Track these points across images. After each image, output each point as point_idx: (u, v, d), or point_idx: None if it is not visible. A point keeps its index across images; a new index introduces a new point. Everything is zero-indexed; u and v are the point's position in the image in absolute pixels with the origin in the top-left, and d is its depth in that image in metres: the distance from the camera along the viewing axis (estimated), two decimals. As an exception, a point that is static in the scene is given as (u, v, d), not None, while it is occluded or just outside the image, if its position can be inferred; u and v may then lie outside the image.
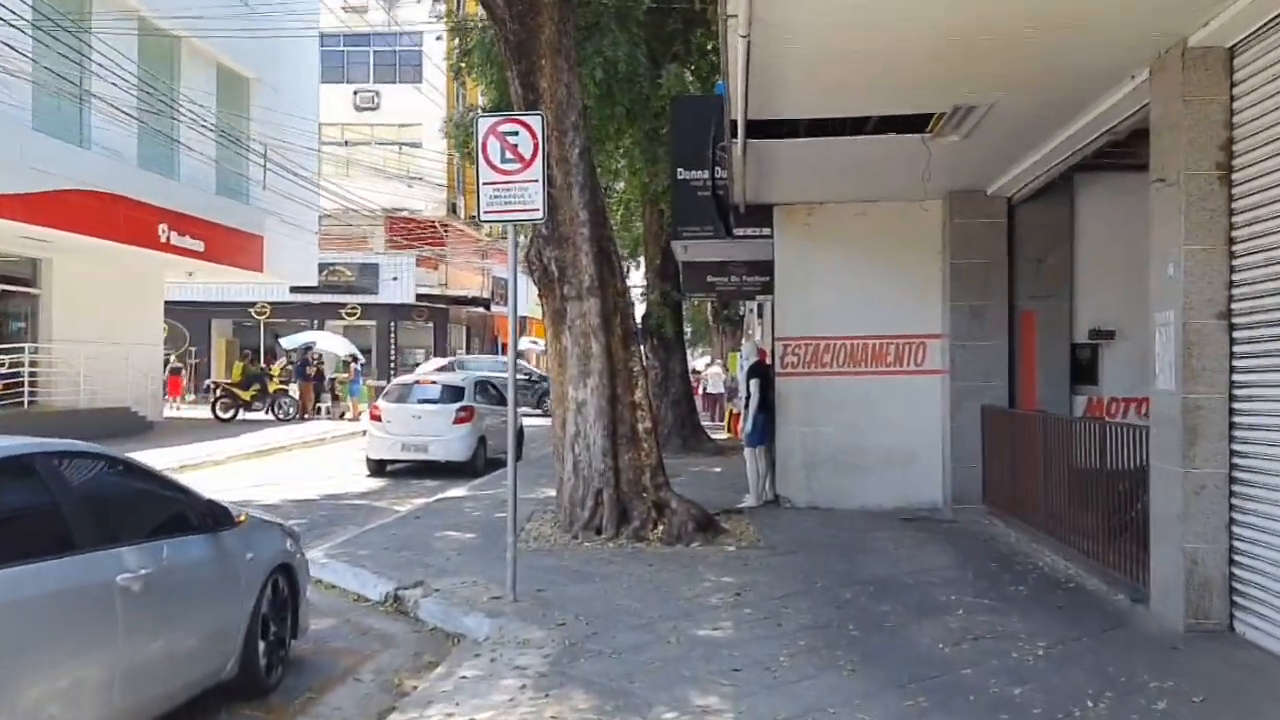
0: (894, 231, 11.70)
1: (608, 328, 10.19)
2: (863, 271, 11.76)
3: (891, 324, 11.67)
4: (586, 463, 10.05)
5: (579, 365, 10.15)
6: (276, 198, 22.15)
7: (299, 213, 23.41)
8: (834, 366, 11.73)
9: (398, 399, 15.62)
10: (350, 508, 12.51)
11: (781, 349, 11.78)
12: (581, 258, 10.13)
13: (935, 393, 11.57)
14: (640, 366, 10.44)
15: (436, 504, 12.20)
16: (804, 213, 11.81)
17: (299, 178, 23.05)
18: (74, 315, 19.50)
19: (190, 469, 15.98)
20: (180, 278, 22.65)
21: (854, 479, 11.63)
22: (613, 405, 10.06)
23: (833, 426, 11.66)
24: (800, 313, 11.79)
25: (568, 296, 10.20)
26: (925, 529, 10.30)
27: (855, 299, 11.74)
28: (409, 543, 9.63)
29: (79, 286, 19.64)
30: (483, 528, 10.39)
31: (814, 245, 11.81)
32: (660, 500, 10.03)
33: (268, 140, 21.41)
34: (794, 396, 11.74)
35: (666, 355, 17.97)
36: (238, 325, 33.75)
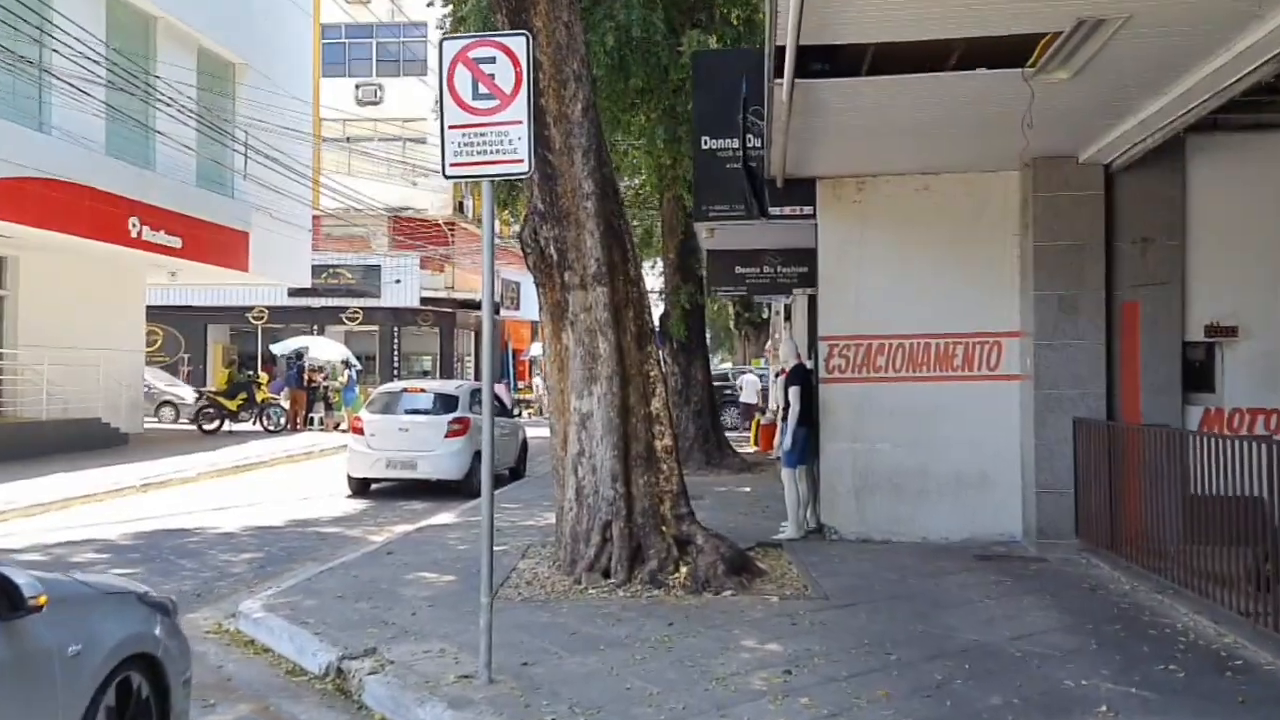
0: (962, 209, 9.77)
1: (618, 323, 8.32)
2: (924, 257, 9.84)
3: (959, 319, 9.74)
4: (592, 488, 8.18)
5: (583, 369, 8.28)
6: (266, 193, 20.42)
7: (291, 209, 21.67)
8: (889, 371, 9.80)
9: (383, 409, 13.78)
10: (317, 537, 10.67)
11: (826, 350, 9.87)
12: (586, 238, 8.27)
13: (1013, 402, 9.62)
14: (658, 370, 8.56)
15: (418, 534, 10.33)
16: (853, 187, 9.90)
17: (291, 171, 21.32)
18: (44, 319, 17.83)
19: (155, 487, 14.23)
20: (162, 279, 20.93)
21: (915, 506, 9.69)
22: (624, 418, 8.19)
23: (888, 443, 9.73)
24: (848, 307, 9.88)
25: (569, 285, 8.35)
26: (1009, 570, 8.35)
27: (915, 290, 9.82)
28: (372, 588, 7.77)
29: (49, 288, 17.98)
30: (467, 567, 8.52)
31: (865, 226, 9.90)
32: (683, 535, 8.14)
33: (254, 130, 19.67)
34: (841, 407, 9.82)
35: (687, 360, 16.04)
36: (235, 331, 32.09)
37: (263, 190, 20.41)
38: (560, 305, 8.44)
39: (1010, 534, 9.57)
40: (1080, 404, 9.13)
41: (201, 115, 18.29)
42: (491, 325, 6.03)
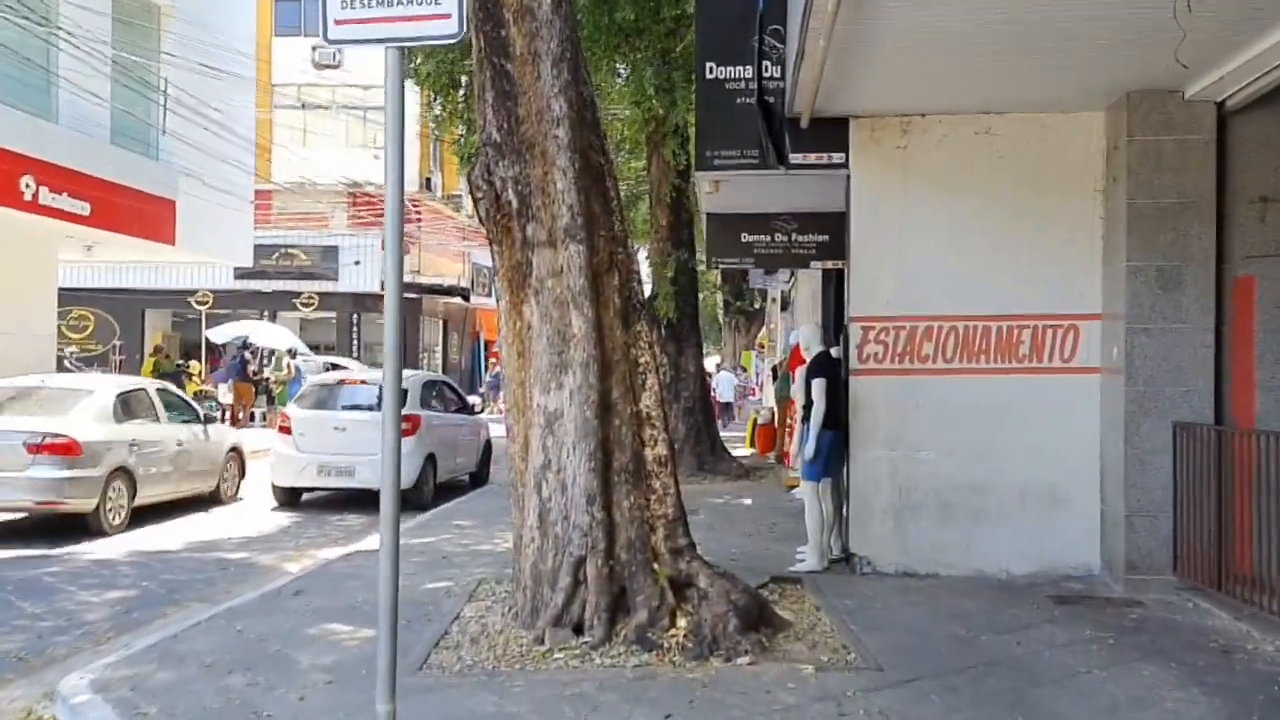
0: (1032, 158, 7.79)
1: (598, 292, 6.28)
2: (983, 218, 7.85)
3: (1026, 297, 7.76)
4: (560, 512, 6.13)
5: (551, 353, 6.23)
6: (199, 156, 18.10)
7: (230, 176, 19.35)
8: (938, 361, 7.80)
9: (315, 405, 11.63)
10: (217, 565, 8.53)
11: (859, 335, 7.85)
12: (556, 177, 6.22)
13: (1091, 401, 7.65)
14: (650, 356, 6.51)
15: (343, 563, 8.22)
16: (897, 129, 7.88)
17: (230, 133, 19.02)
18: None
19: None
20: (77, 254, 18.55)
21: (968, 531, 7.70)
22: (605, 418, 6.15)
23: (936, 450, 7.73)
24: (887, 281, 7.87)
25: (534, 242, 6.29)
26: (1102, 620, 6.38)
27: (971, 259, 7.83)
28: (258, 652, 5.68)
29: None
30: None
31: (910, 179, 7.89)
32: (681, 575, 6.10)
33: (182, 83, 17.36)
34: (877, 405, 7.81)
35: (677, 349, 13.94)
36: (177, 317, 29.64)
37: (194, 153, 18.08)
38: (521, 269, 6.38)
39: (1086, 566, 7.60)
40: (1182, 404, 7.17)
41: (117, 61, 15.96)
42: (397, 278, 4.02)
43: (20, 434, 9.48)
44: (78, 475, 9.48)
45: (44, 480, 9.33)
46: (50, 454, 9.38)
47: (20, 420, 9.76)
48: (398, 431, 4.20)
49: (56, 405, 10.12)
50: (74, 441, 9.50)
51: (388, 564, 4.06)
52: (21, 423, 9.69)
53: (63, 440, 9.46)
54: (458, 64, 12.30)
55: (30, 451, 9.35)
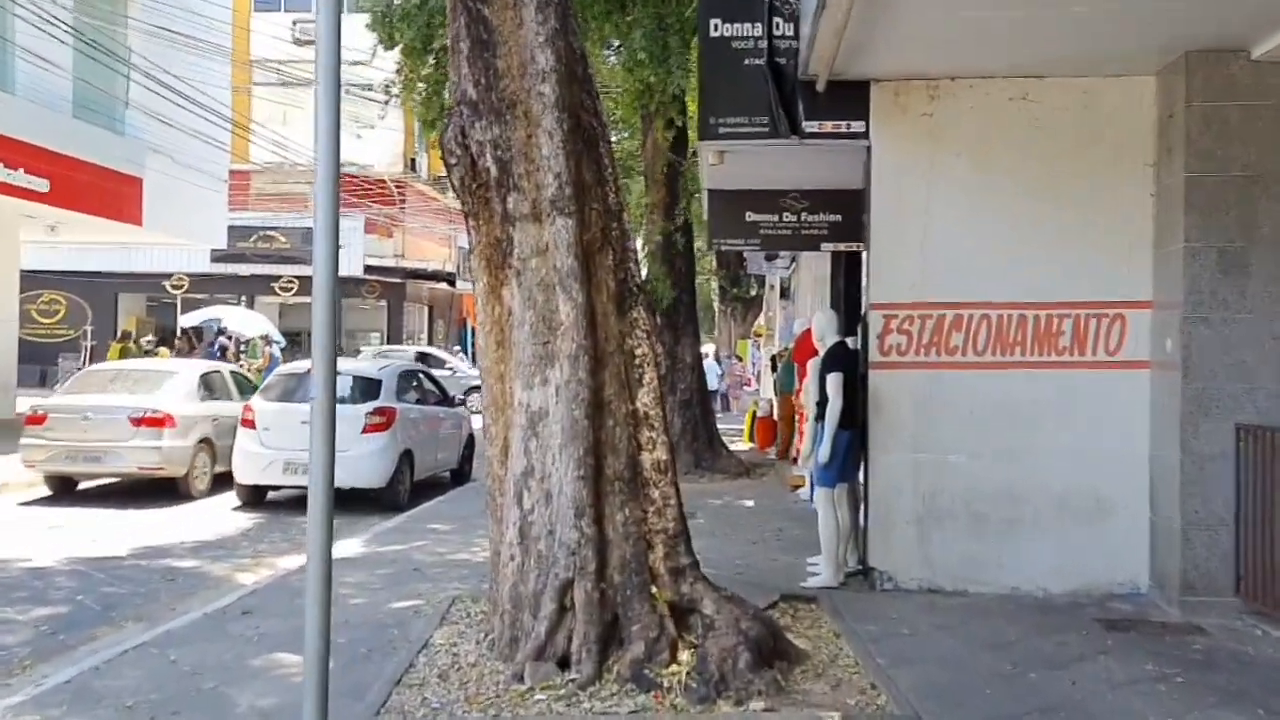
0: (1075, 127, 6.97)
1: (589, 274, 5.45)
2: (1019, 195, 7.03)
3: (1067, 283, 6.96)
4: (544, 527, 5.31)
5: (535, 343, 5.41)
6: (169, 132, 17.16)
7: (204, 154, 18.41)
8: (968, 353, 6.99)
9: (280, 396, 10.74)
10: (164, 575, 7.68)
11: (880, 324, 7.03)
12: (541, 140, 5.38)
13: (1140, 399, 6.86)
14: (648, 347, 5.67)
15: (301, 575, 7.34)
16: (923, 94, 7.05)
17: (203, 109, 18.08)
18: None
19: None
20: (41, 234, 17.59)
21: (1001, 543, 6.90)
22: (597, 418, 5.34)
23: (965, 454, 6.93)
24: (912, 264, 7.04)
25: (515, 215, 5.46)
26: (1162, 650, 5.60)
27: (1006, 240, 7.02)
28: (189, 689, 4.87)
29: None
30: (355, 641, 5.64)
31: (938, 150, 7.06)
32: (684, 600, 5.30)
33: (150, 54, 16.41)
34: (900, 402, 6.99)
35: (674, 338, 13.05)
36: (152, 301, 28.63)
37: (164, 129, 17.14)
38: (500, 246, 5.54)
39: (1133, 584, 6.82)
40: (1246, 404, 6.39)
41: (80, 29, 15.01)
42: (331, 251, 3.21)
43: (124, 409, 10.88)
44: (172, 445, 10.86)
45: (144, 449, 10.69)
46: (149, 426, 10.74)
47: (121, 398, 11.19)
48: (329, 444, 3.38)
49: (151, 384, 11.53)
50: (169, 415, 10.88)
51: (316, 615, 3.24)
52: (123, 399, 11.12)
53: (160, 414, 10.82)
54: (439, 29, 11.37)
55: (132, 424, 10.72)
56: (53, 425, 10.85)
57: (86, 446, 10.73)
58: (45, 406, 11.37)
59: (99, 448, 10.71)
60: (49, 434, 10.85)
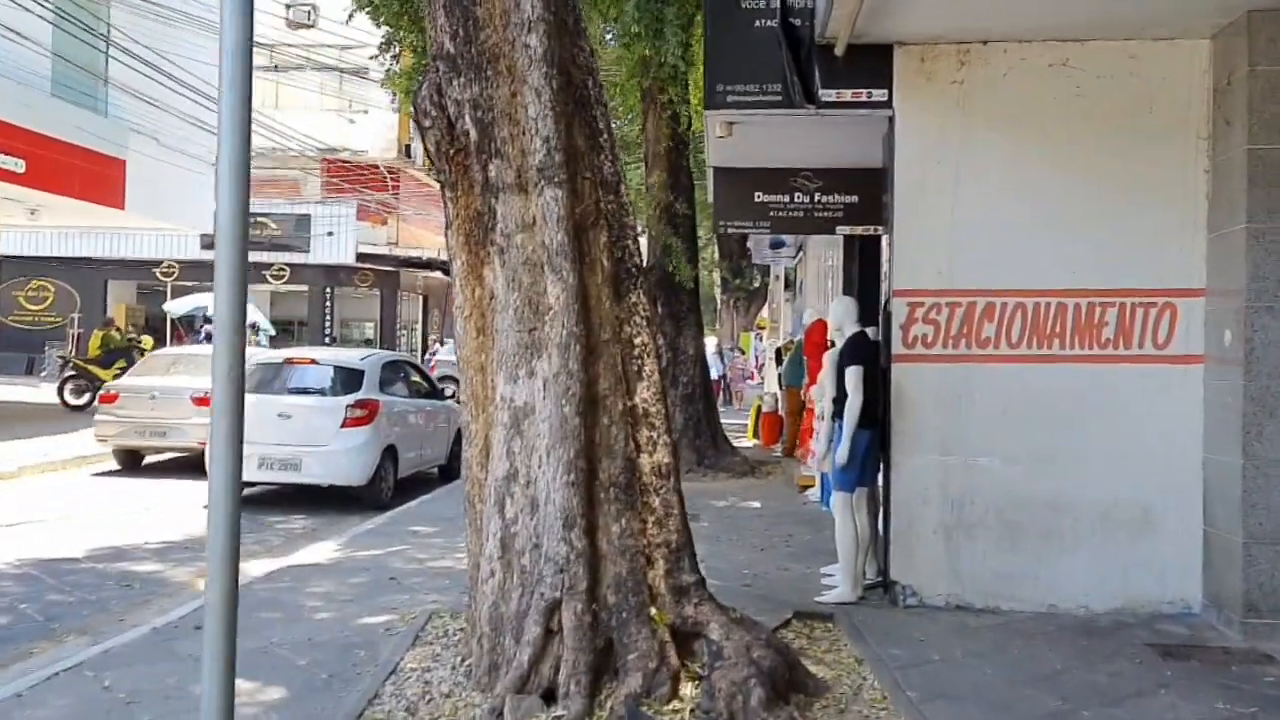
0: (1120, 96, 6.31)
1: (581, 252, 4.81)
2: (1058, 171, 6.37)
3: (1111, 268, 6.30)
4: (529, 539, 4.67)
5: (520, 330, 4.77)
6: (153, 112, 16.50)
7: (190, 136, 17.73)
8: (1002, 345, 6.33)
9: (255, 387, 10.04)
10: (120, 581, 7.03)
11: (905, 313, 6.37)
12: (528, 100, 4.73)
13: (1193, 397, 6.21)
14: (648, 336, 5.03)
15: (266, 582, 6.72)
16: (953, 59, 6.38)
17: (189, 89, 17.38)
18: None
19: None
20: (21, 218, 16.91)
21: (1038, 556, 6.24)
22: (589, 416, 4.70)
23: (998, 457, 6.27)
24: (939, 247, 6.38)
25: (498, 185, 4.81)
26: (1229, 682, 4.96)
27: (1042, 221, 6.36)
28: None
29: None
30: (316, 664, 5.00)
31: (969, 122, 6.39)
32: (688, 623, 4.66)
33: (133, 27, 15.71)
34: (926, 399, 6.34)
35: (676, 328, 12.37)
36: (142, 288, 27.96)
37: (149, 109, 16.48)
38: (482, 220, 4.89)
39: (1184, 603, 6.16)
40: (1314, 404, 5.73)
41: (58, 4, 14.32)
42: (240, 224, 2.57)
43: (186, 389, 11.52)
44: None
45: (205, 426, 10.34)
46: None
47: (184, 379, 11.83)
48: (234, 452, 2.74)
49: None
50: None
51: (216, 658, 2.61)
52: (185, 381, 11.73)
53: None
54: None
55: (195, 403, 11.20)
56: (123, 404, 11.72)
57: (153, 423, 11.58)
58: (116, 387, 12.36)
59: (164, 425, 11.53)
60: (120, 411, 11.71)
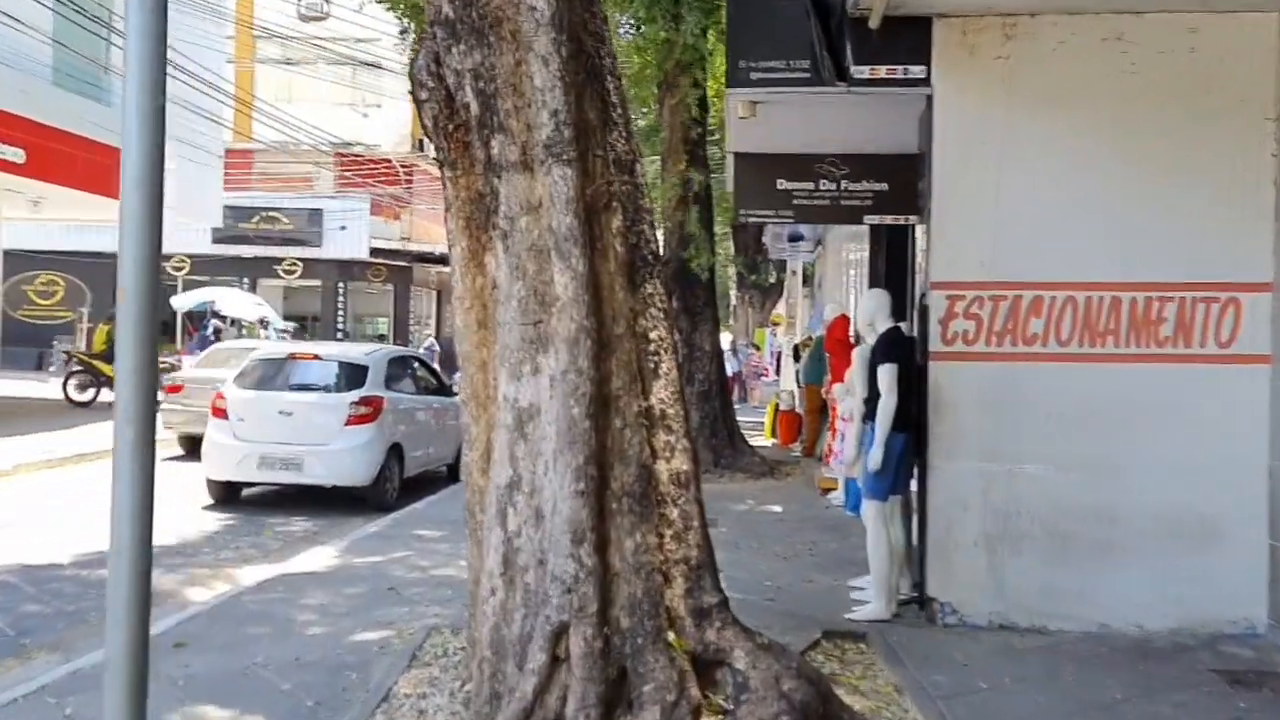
0: (1176, 73, 5.82)
1: (591, 237, 4.35)
2: (1110, 154, 5.88)
3: (1167, 260, 5.82)
4: (534, 554, 4.23)
5: (525, 323, 4.32)
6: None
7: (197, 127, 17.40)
8: (1049, 342, 5.85)
9: (257, 384, 9.68)
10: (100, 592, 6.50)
11: (944, 307, 5.89)
12: (534, 69, 4.28)
13: (1258, 400, 5.72)
14: (665, 330, 4.57)
15: (257, 592, 6.30)
16: (998, 34, 5.90)
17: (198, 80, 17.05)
18: None
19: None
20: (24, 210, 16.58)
21: (1088, 570, 5.76)
22: (600, 417, 4.25)
23: (1045, 463, 5.79)
24: (982, 236, 5.91)
25: (501, 163, 4.36)
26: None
27: (1094, 209, 5.87)
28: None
29: None
30: (302, 690, 4.57)
31: (1014, 101, 5.91)
32: (710, 650, 4.20)
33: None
34: (966, 401, 5.86)
35: (691, 324, 11.89)
36: (153, 283, 27.63)
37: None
38: (483, 202, 4.44)
39: (1248, 622, 5.67)
40: (1395, 407, 5.22)
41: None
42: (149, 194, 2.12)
43: None
44: None
45: None
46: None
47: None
48: (145, 461, 2.30)
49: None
50: None
51: None
52: None
53: None
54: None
55: None
56: (188, 394, 12.28)
57: None
58: (181, 378, 13.10)
59: None
60: (184, 401, 12.25)
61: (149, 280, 2.35)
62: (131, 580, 2.29)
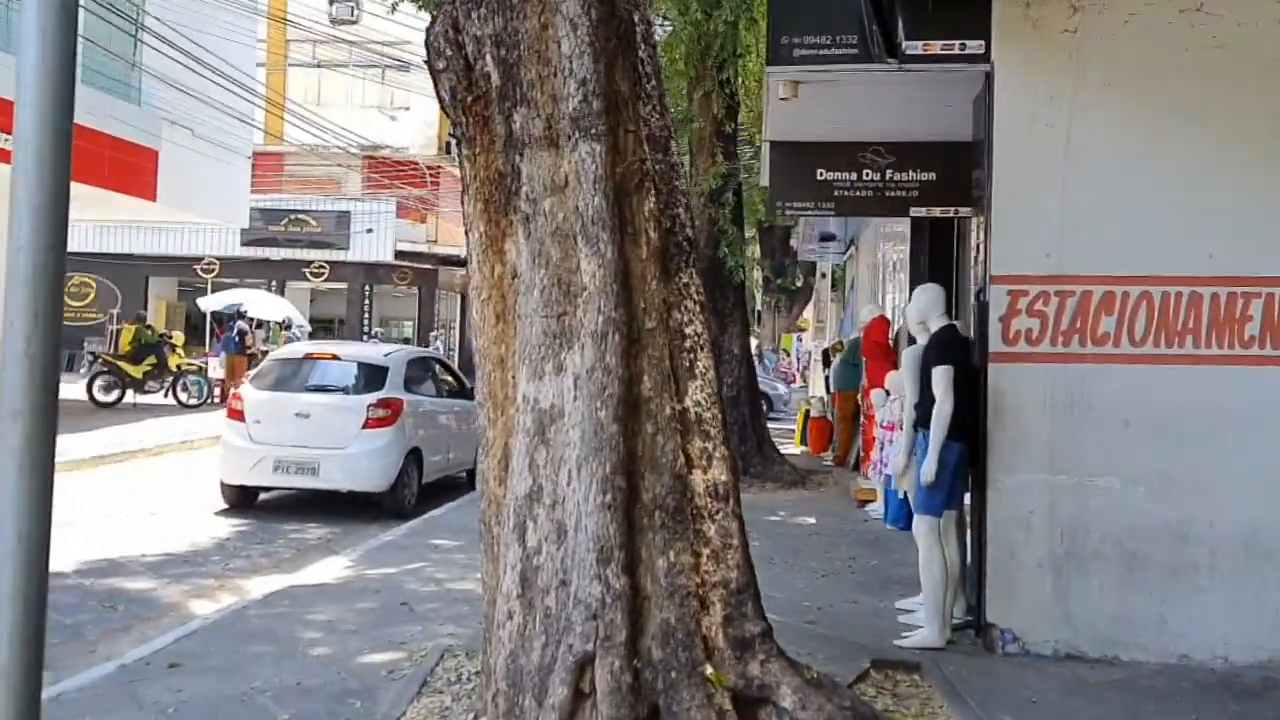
0: (1264, 48, 5.30)
1: (622, 220, 3.92)
2: (1189, 136, 5.38)
3: (1253, 252, 5.30)
4: (555, 574, 3.79)
5: (548, 316, 3.90)
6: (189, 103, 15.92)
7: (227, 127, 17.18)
8: (1123, 343, 5.34)
9: (274, 385, 9.31)
10: (101, 602, 6.24)
11: (1005, 302, 5.40)
12: (561, 34, 3.87)
13: (1355, 409, 5.16)
14: (702, 324, 4.13)
15: (261, 608, 5.88)
16: (1065, 5, 5.41)
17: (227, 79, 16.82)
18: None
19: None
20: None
21: (1165, 595, 5.24)
22: (630, 421, 3.83)
23: (1118, 476, 5.27)
24: (1048, 226, 5.41)
25: (524, 138, 3.95)
26: None
27: (1171, 196, 5.37)
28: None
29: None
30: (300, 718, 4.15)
31: (1083, 79, 5.41)
32: (753, 686, 3.75)
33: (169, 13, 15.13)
34: (1031, 406, 5.36)
35: (719, 325, 11.37)
36: (183, 285, 27.58)
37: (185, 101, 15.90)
38: (503, 181, 4.02)
39: (1343, 653, 5.12)
40: None
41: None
42: None
43: None
44: None
45: None
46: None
47: None
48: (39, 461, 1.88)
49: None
50: None
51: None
52: None
53: None
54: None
55: None
56: None
57: None
58: None
59: None
60: None
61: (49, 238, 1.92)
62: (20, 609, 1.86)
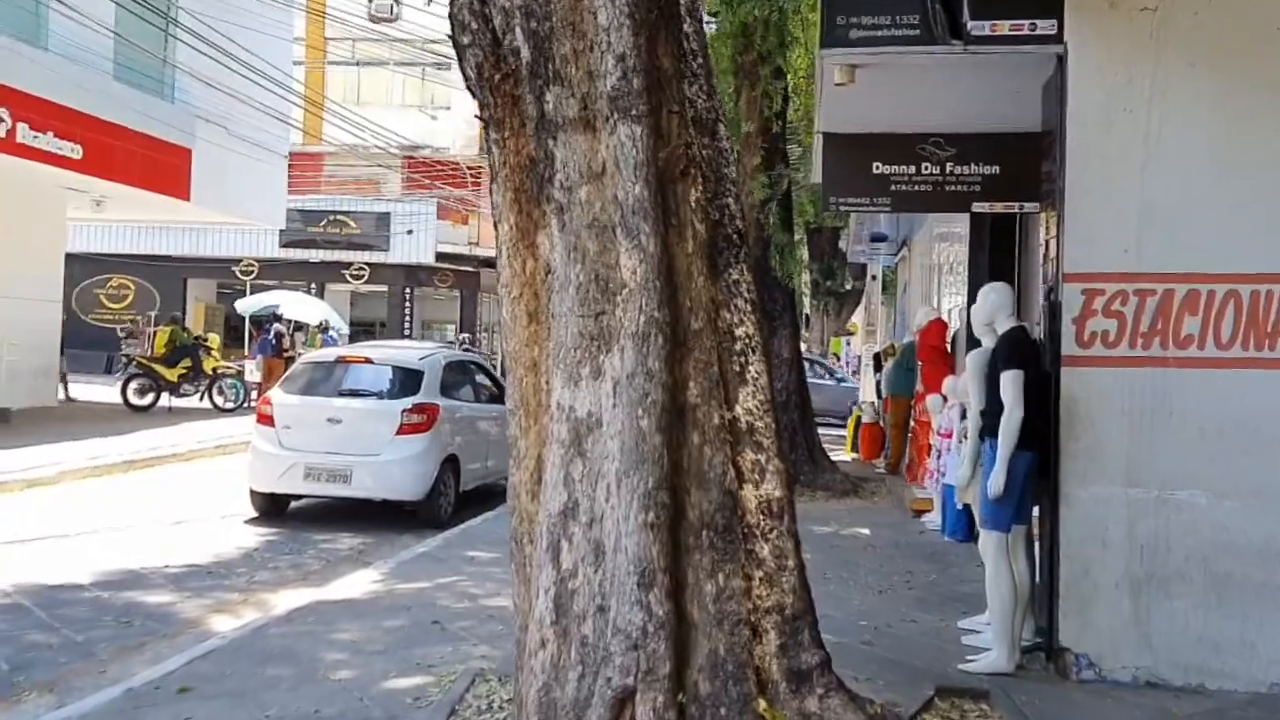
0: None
1: (665, 211, 3.57)
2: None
3: (1358, 247, 4.83)
4: (592, 598, 3.45)
5: (584, 316, 3.57)
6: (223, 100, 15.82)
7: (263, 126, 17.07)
8: (1208, 346, 4.91)
9: (305, 389, 9.06)
10: (115, 617, 5.98)
11: (1080, 302, 4.99)
12: (596, 5, 3.56)
13: None
14: (753, 325, 3.78)
15: (284, 625, 5.61)
16: (1146, -21, 4.99)
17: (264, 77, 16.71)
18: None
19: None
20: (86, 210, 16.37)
21: (1256, 619, 4.80)
22: (675, 431, 3.47)
23: (1203, 490, 4.85)
24: (1126, 220, 4.99)
25: (558, 121, 3.62)
26: None
27: (1264, 188, 4.94)
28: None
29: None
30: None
31: (1165, 61, 4.99)
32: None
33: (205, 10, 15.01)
34: (1106, 415, 4.94)
35: (769, 327, 10.99)
36: (222, 286, 27.65)
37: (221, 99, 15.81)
38: (535, 168, 3.70)
39: None
40: None
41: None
42: None
43: None
44: None
45: None
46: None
47: None
48: None
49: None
50: None
51: None
52: None
53: None
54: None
55: None
56: None
57: None
58: None
59: None
60: None
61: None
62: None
